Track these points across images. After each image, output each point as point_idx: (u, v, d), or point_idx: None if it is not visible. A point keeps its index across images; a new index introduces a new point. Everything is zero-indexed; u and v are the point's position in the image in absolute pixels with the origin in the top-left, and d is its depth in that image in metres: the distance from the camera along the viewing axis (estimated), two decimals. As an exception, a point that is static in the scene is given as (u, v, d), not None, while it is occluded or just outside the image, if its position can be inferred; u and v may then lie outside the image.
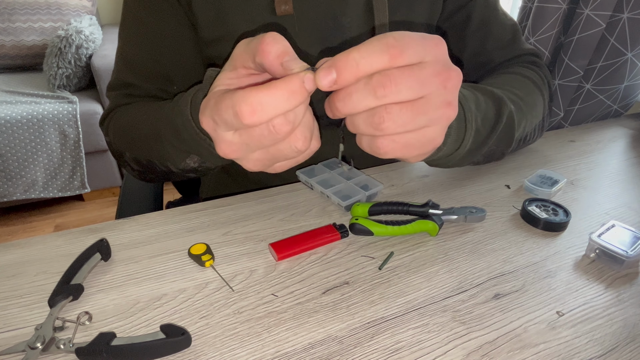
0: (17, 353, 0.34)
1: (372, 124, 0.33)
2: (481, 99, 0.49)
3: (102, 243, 0.44)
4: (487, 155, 0.56)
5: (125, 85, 0.61)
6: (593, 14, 0.84)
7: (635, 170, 0.67)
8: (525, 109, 0.58)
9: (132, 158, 0.57)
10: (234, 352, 0.35)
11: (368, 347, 0.36)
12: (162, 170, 0.55)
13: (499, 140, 0.53)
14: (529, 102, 0.59)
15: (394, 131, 0.33)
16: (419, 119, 0.33)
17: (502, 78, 0.62)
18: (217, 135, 0.34)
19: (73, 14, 2.07)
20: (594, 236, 0.46)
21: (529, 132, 0.61)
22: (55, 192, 1.85)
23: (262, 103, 0.30)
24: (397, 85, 0.31)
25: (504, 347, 0.36)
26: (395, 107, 0.32)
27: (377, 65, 0.31)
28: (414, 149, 0.35)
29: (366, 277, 0.43)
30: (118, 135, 0.59)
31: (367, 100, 0.32)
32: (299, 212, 0.53)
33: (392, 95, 0.32)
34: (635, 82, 0.88)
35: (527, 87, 0.61)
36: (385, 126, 0.33)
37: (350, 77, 0.31)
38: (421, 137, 0.35)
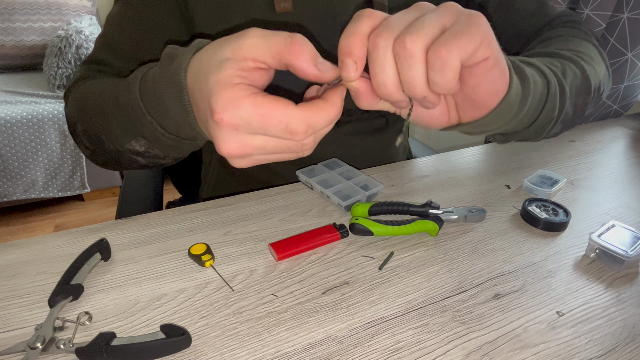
0: (17, 353, 0.34)
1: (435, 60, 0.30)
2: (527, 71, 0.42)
3: (102, 243, 0.44)
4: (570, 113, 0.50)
5: (99, 61, 0.59)
6: (593, 14, 0.84)
7: (635, 170, 0.67)
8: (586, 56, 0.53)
9: (82, 131, 0.53)
10: (234, 352, 0.35)
11: (368, 347, 0.35)
12: (110, 150, 0.50)
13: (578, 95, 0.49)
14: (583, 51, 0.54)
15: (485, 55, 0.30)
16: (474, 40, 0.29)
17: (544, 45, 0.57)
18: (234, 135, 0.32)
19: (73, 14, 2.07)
20: (594, 236, 0.46)
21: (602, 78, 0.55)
22: (55, 192, 1.85)
23: (316, 124, 0.30)
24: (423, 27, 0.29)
25: (504, 347, 0.36)
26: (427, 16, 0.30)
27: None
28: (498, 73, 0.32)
29: (366, 277, 0.43)
30: (74, 106, 0.55)
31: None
32: (299, 212, 0.53)
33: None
34: (635, 82, 0.88)
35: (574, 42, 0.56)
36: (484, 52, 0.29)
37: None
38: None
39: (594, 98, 0.55)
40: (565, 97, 0.48)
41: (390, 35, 0.30)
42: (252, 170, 0.70)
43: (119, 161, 0.54)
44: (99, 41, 0.59)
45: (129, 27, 0.57)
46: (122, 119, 0.44)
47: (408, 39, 0.29)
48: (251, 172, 0.70)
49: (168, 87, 0.37)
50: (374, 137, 0.70)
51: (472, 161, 0.67)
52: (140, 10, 0.56)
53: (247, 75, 0.33)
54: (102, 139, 0.50)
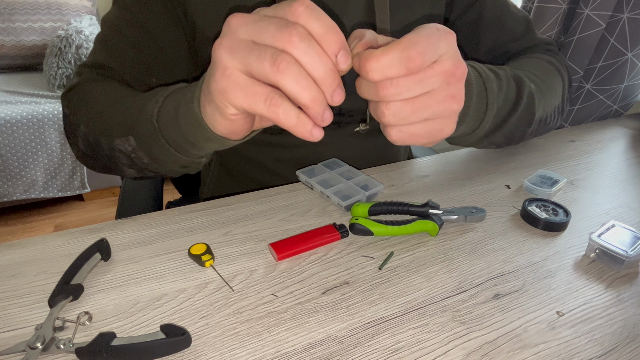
0: (17, 353, 0.34)
1: (377, 114, 0.36)
2: (503, 78, 0.50)
3: (102, 243, 0.44)
4: (507, 136, 0.57)
5: (101, 66, 0.58)
6: (593, 14, 0.84)
7: (635, 170, 0.67)
8: (545, 89, 0.58)
9: (84, 133, 0.54)
10: (234, 352, 0.35)
11: (368, 347, 0.35)
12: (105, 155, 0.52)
13: (519, 120, 0.54)
14: (547, 82, 0.60)
15: (396, 123, 0.36)
16: (421, 113, 0.35)
17: (520, 62, 0.63)
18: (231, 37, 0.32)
19: (73, 14, 2.07)
20: (594, 236, 0.46)
21: (549, 113, 0.61)
22: (55, 192, 1.85)
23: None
24: (397, 87, 0.33)
25: (504, 347, 0.36)
26: (395, 103, 0.34)
27: (392, 75, 0.33)
28: (421, 138, 0.37)
29: (366, 277, 0.43)
30: (80, 106, 0.55)
31: (370, 94, 0.35)
32: (299, 212, 0.53)
33: (391, 96, 0.34)
34: (635, 82, 0.88)
35: (545, 68, 0.62)
36: (386, 120, 0.35)
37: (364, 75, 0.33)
38: (428, 128, 0.37)
39: (536, 128, 0.61)
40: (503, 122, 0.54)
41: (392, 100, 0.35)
42: (252, 171, 0.70)
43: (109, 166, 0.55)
44: (98, 45, 0.59)
45: (128, 32, 0.57)
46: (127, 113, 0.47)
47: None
48: (251, 174, 0.70)
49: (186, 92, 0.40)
50: (375, 138, 0.70)
51: (472, 161, 0.67)
52: (138, 14, 0.56)
53: None
54: (100, 141, 0.52)
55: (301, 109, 0.32)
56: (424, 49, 0.33)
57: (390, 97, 0.34)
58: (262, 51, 0.30)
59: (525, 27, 0.69)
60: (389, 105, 0.34)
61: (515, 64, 0.62)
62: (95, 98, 0.54)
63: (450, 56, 0.34)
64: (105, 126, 0.51)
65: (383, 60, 0.32)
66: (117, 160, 0.51)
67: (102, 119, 0.51)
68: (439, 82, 0.34)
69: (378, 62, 0.32)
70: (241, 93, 0.32)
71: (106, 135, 0.50)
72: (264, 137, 0.66)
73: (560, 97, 0.64)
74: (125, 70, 0.57)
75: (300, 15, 0.30)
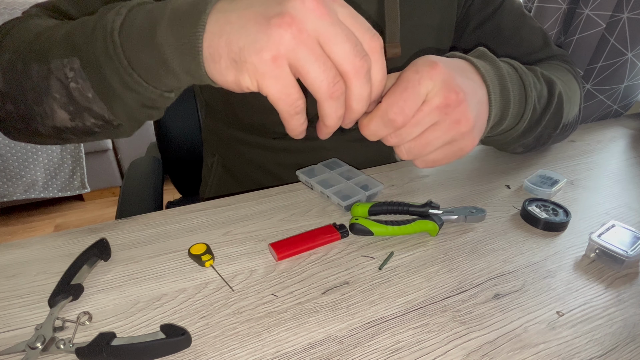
0: (17, 353, 0.34)
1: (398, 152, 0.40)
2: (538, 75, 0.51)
3: (102, 243, 0.44)
4: (537, 137, 0.58)
5: (56, 9, 0.49)
6: (593, 14, 0.84)
7: (635, 170, 0.67)
8: (570, 94, 0.59)
9: (7, 61, 0.40)
10: (234, 352, 0.35)
11: (368, 347, 0.35)
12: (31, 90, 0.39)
13: (550, 121, 0.55)
14: (571, 88, 0.61)
15: (415, 157, 0.39)
16: (432, 145, 0.38)
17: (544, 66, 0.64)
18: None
19: (73, 14, 2.07)
20: (594, 236, 0.46)
21: (570, 120, 0.62)
22: (55, 192, 1.85)
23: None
24: (397, 137, 0.37)
25: (504, 347, 0.36)
26: (405, 145, 0.38)
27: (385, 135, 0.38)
28: (445, 161, 0.41)
29: (366, 277, 0.43)
30: (12, 35, 0.42)
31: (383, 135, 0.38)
32: (299, 212, 0.53)
33: (397, 143, 0.38)
34: (635, 82, 0.88)
35: (567, 75, 0.63)
36: (405, 157, 0.39)
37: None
38: (446, 152, 0.40)
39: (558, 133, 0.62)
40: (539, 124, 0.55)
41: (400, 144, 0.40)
42: (254, 174, 0.70)
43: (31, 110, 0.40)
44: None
45: None
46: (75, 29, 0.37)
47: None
48: (253, 176, 0.70)
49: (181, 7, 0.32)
50: (378, 143, 0.70)
51: (472, 161, 0.67)
52: None
53: None
54: (30, 68, 0.39)
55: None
56: (401, 106, 0.35)
57: (399, 143, 0.38)
58: (327, 68, 0.30)
59: (543, 40, 0.70)
60: (400, 148, 0.39)
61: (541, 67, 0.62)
62: (35, 24, 0.43)
63: (437, 92, 0.36)
64: (41, 48, 0.38)
65: (372, 128, 0.37)
66: (47, 95, 0.38)
67: (39, 41, 0.39)
68: (436, 116, 0.37)
69: (368, 130, 0.37)
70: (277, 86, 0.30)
71: (40, 60, 0.38)
72: (267, 141, 0.66)
73: (579, 105, 0.65)
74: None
75: (374, 53, 0.32)
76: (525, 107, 0.49)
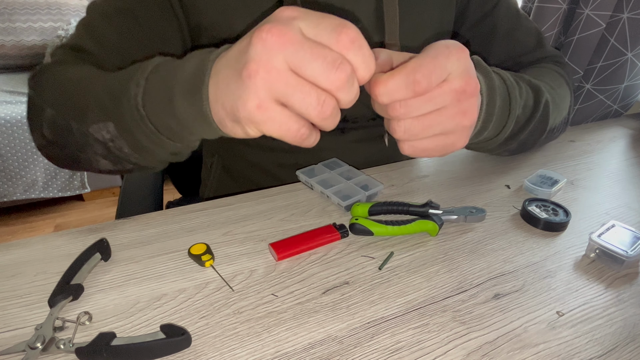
0: (17, 353, 0.34)
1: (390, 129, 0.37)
2: (523, 87, 0.51)
3: (102, 243, 0.44)
4: (521, 143, 0.58)
5: (79, 49, 0.53)
6: (593, 14, 0.84)
7: (635, 170, 0.67)
8: (557, 101, 0.60)
9: (50, 116, 0.47)
10: (234, 352, 0.35)
11: (368, 347, 0.35)
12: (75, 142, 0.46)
13: (535, 128, 0.55)
14: (560, 94, 0.61)
15: (407, 139, 0.37)
16: (432, 129, 0.36)
17: (534, 71, 0.64)
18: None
19: (73, 14, 2.07)
20: (594, 236, 0.46)
21: (557, 124, 0.63)
22: (55, 192, 1.85)
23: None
24: (405, 108, 0.35)
25: (504, 347, 0.36)
26: (406, 121, 0.36)
27: (399, 98, 0.34)
28: (434, 152, 0.39)
29: (366, 277, 0.43)
30: (47, 88, 0.48)
31: (382, 112, 0.37)
32: (299, 212, 0.53)
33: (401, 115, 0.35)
34: (635, 82, 0.88)
35: (557, 80, 0.63)
36: (398, 136, 0.37)
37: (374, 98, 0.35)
38: (440, 142, 0.38)
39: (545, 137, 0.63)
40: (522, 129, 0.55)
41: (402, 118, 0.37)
42: (254, 175, 0.70)
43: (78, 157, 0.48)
44: (81, 28, 0.54)
45: (116, 18, 0.53)
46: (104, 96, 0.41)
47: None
48: (253, 177, 0.70)
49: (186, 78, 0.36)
50: (379, 144, 0.70)
51: (472, 161, 0.67)
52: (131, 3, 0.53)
53: None
54: (71, 126, 0.45)
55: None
56: (430, 70, 0.33)
57: (400, 117, 0.35)
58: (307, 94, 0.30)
59: (537, 40, 0.70)
60: (400, 123, 0.36)
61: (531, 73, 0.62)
62: (67, 78, 0.47)
63: (460, 74, 0.35)
64: (78, 109, 0.44)
65: (390, 85, 0.33)
66: (89, 150, 0.45)
67: (74, 100, 0.44)
68: (449, 99, 0.35)
69: (385, 86, 0.34)
70: (276, 126, 0.31)
71: (79, 120, 0.44)
72: (265, 141, 0.66)
73: (567, 109, 0.66)
74: (106, 57, 0.52)
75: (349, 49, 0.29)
76: (507, 119, 0.49)
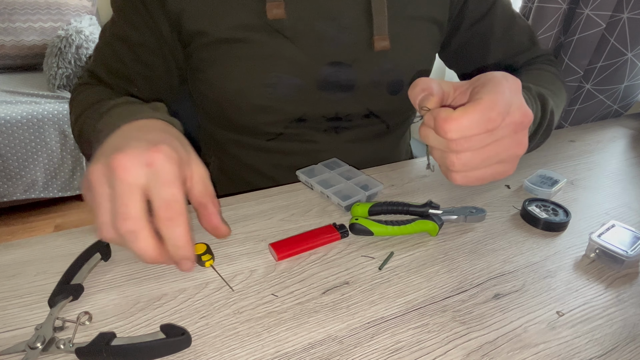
0: (17, 353, 0.34)
1: (445, 163, 0.38)
2: (531, 99, 0.51)
3: (102, 243, 0.44)
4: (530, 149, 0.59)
5: (93, 73, 0.65)
6: (593, 14, 0.84)
7: (635, 170, 0.67)
8: (558, 103, 0.61)
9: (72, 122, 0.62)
10: (234, 352, 0.35)
11: (368, 347, 0.35)
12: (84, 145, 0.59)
13: (541, 137, 0.56)
14: (559, 96, 0.62)
15: (464, 170, 0.37)
16: (489, 160, 0.37)
17: (534, 74, 0.65)
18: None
19: (73, 14, 2.07)
20: (594, 236, 0.46)
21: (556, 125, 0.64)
22: (55, 192, 1.85)
23: None
24: (471, 142, 0.35)
25: (504, 347, 0.36)
26: (466, 154, 0.36)
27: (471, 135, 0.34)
28: (485, 181, 0.39)
29: (366, 277, 0.43)
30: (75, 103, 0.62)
31: (439, 145, 0.37)
32: (299, 212, 0.53)
33: (464, 150, 0.35)
34: (635, 82, 0.88)
35: (555, 82, 0.64)
36: (456, 168, 0.37)
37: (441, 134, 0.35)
38: (493, 171, 0.38)
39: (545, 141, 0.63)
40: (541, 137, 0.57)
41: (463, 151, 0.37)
42: (250, 177, 0.70)
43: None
44: (95, 55, 0.65)
45: (116, 45, 0.61)
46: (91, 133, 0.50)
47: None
48: (250, 179, 0.70)
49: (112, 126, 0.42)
50: (374, 144, 0.70)
51: (472, 161, 0.67)
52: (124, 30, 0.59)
53: None
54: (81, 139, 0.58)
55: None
56: (503, 109, 0.34)
57: (462, 150, 0.36)
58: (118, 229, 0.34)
59: (530, 39, 0.71)
60: (460, 156, 0.36)
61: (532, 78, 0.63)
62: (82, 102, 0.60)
63: (519, 106, 0.36)
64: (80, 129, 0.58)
65: (464, 122, 0.34)
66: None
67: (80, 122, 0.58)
68: (508, 131, 0.36)
69: (459, 124, 0.34)
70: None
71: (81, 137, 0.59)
72: (261, 142, 0.66)
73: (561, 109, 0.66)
74: (111, 79, 0.63)
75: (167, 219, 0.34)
76: None
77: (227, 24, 0.56)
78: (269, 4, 0.55)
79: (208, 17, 0.56)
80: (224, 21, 0.56)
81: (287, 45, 0.57)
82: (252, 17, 0.56)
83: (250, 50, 0.57)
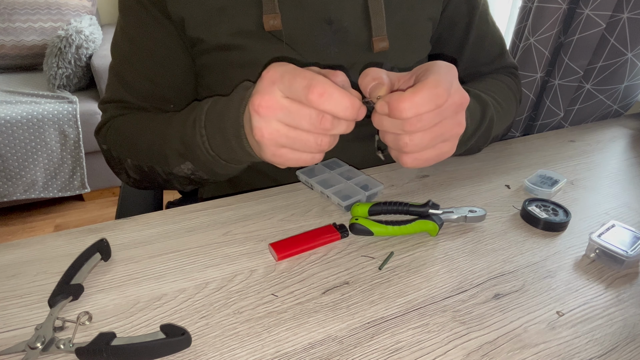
0: (17, 353, 0.34)
1: (398, 145, 0.40)
2: (471, 101, 0.54)
3: (102, 243, 0.44)
4: (467, 151, 0.62)
5: (121, 101, 0.62)
6: (593, 14, 0.84)
7: (635, 170, 0.67)
8: (502, 114, 0.63)
9: (133, 165, 0.58)
10: (234, 352, 0.35)
11: (368, 347, 0.36)
12: (162, 179, 0.57)
13: (479, 139, 0.59)
14: (505, 108, 0.65)
15: (415, 151, 0.40)
16: (436, 140, 0.40)
17: (487, 82, 0.67)
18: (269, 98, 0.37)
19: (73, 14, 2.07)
20: (594, 236, 0.46)
21: (500, 132, 0.67)
22: (55, 192, 1.85)
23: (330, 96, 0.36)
24: (422, 121, 0.38)
25: (504, 347, 0.36)
26: (417, 134, 0.39)
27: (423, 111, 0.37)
28: (432, 162, 0.42)
29: (366, 277, 0.43)
30: (119, 143, 0.59)
31: (394, 128, 0.39)
32: (299, 212, 0.53)
33: (416, 129, 0.38)
34: (635, 82, 0.88)
35: (506, 94, 0.67)
36: (409, 149, 0.40)
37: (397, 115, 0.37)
38: (438, 152, 0.42)
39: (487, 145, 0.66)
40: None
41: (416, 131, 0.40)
42: (251, 177, 0.70)
43: (166, 186, 0.60)
44: (114, 80, 0.61)
45: (140, 65, 0.59)
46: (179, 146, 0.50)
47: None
48: (250, 180, 0.70)
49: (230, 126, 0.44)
50: (373, 144, 0.70)
51: (472, 161, 0.67)
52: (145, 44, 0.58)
53: None
54: (155, 169, 0.56)
55: None
56: (447, 85, 0.37)
57: (415, 130, 0.38)
58: (304, 141, 0.38)
59: (500, 50, 0.72)
60: (412, 137, 0.39)
61: (480, 85, 0.65)
62: (130, 132, 0.58)
63: (457, 89, 0.39)
64: (157, 158, 0.54)
65: (416, 99, 0.36)
66: (175, 181, 0.56)
67: (150, 152, 0.55)
68: (450, 112, 0.39)
69: (412, 101, 0.36)
70: (293, 162, 0.40)
71: (162, 165, 0.54)
72: None
73: (512, 119, 0.69)
74: (145, 103, 0.61)
75: (320, 102, 0.35)
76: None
77: (225, 31, 0.56)
78: (266, 16, 0.54)
79: (206, 25, 0.56)
80: (221, 28, 0.56)
81: (286, 51, 0.57)
82: (250, 24, 0.55)
83: (248, 56, 0.57)
